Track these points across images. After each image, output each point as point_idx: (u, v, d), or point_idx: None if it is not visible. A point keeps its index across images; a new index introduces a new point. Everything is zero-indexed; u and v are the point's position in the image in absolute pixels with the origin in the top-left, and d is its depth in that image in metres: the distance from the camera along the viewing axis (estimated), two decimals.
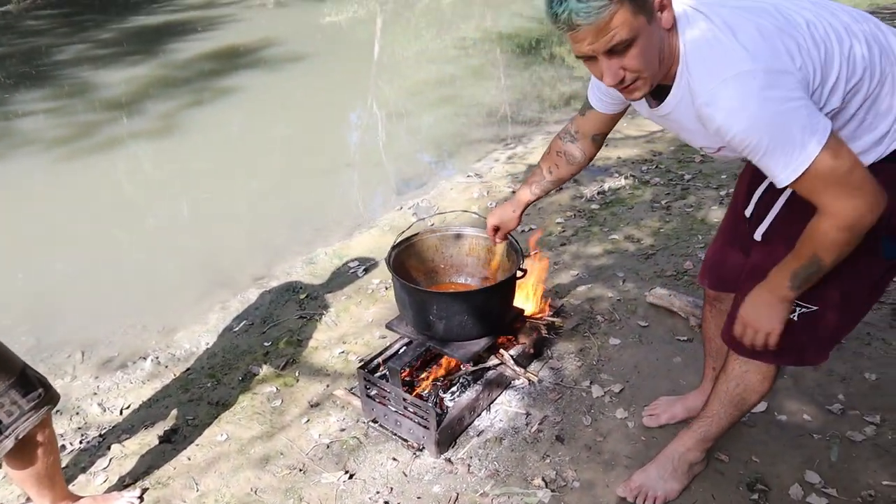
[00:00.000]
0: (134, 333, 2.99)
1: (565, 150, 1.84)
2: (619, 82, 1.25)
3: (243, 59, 8.19)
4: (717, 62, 1.20)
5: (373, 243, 3.49)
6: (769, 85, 1.16)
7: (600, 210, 3.64)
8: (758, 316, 1.44)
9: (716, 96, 1.19)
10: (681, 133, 1.43)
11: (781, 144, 1.17)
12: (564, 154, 1.84)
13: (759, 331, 1.45)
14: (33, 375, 1.64)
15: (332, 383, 2.41)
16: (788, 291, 1.37)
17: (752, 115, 1.17)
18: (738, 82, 1.17)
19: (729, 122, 1.19)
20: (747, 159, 1.30)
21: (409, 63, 8.45)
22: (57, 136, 5.62)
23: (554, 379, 2.33)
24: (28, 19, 11.03)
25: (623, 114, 1.71)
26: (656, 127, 4.96)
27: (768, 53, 1.18)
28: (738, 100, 1.17)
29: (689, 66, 1.25)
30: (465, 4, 13.01)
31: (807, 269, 1.32)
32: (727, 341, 1.62)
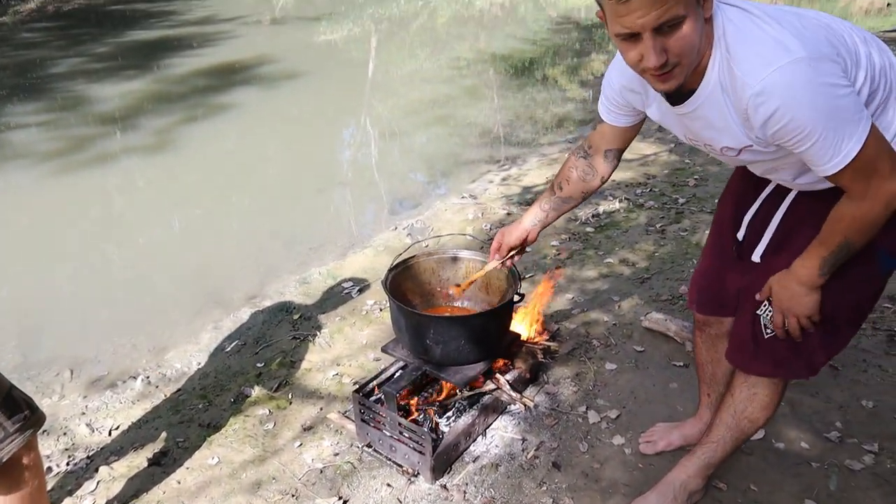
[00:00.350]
0: (124, 352, 2.95)
1: (577, 166, 1.78)
2: (661, 65, 1.18)
3: (238, 75, 8.20)
4: (769, 50, 1.17)
5: (367, 263, 3.47)
6: (822, 73, 1.15)
7: (595, 233, 3.64)
8: (798, 304, 1.43)
9: (771, 84, 1.16)
10: (702, 132, 1.38)
11: (833, 132, 1.18)
12: (576, 169, 1.79)
13: (800, 316, 1.44)
14: (19, 396, 1.60)
15: (325, 406, 2.38)
16: (819, 279, 1.38)
17: (810, 102, 1.16)
18: (794, 69, 1.15)
19: (784, 109, 1.17)
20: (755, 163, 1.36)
21: (404, 82, 8.49)
22: (49, 150, 5.59)
23: (550, 404, 2.31)
24: (24, 31, 11.02)
25: (637, 129, 1.67)
26: (650, 150, 4.99)
27: (815, 42, 1.18)
28: (795, 87, 1.15)
29: (734, 56, 1.21)
30: (460, 25, 13.12)
31: (836, 255, 1.34)
32: (733, 360, 1.63)
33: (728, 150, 1.37)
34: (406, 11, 14.41)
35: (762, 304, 1.51)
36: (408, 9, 14.80)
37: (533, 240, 1.90)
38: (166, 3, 13.99)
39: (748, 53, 1.19)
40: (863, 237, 1.32)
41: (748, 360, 1.58)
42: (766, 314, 1.51)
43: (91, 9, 13.33)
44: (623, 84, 1.51)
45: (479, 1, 16.48)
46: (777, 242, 1.53)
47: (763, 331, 1.53)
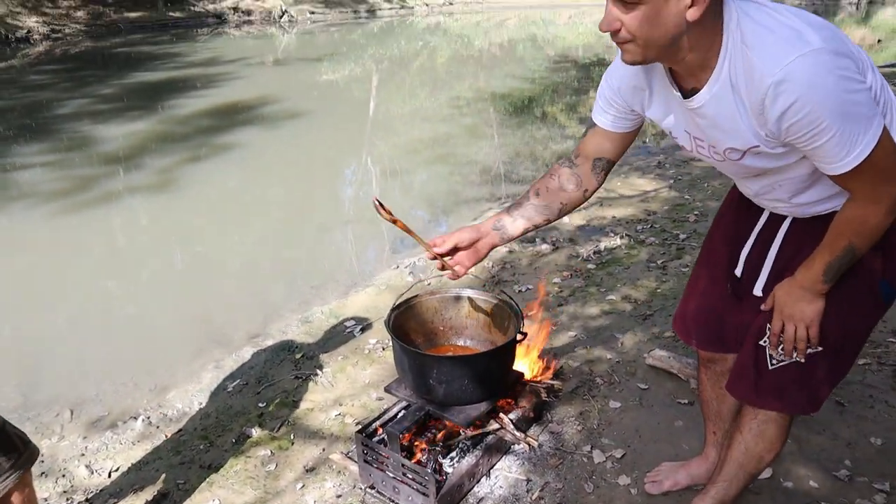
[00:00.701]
0: (125, 392, 2.93)
1: (559, 174, 1.62)
2: (612, 32, 1.21)
3: (241, 115, 8.31)
4: (789, 39, 1.15)
5: (369, 302, 3.48)
6: (841, 66, 1.14)
7: (597, 270, 3.65)
8: (800, 311, 1.41)
9: (792, 72, 1.13)
10: (708, 130, 1.33)
11: (849, 128, 1.16)
12: (558, 177, 1.62)
13: (799, 324, 1.42)
14: (13, 432, 1.58)
15: (328, 447, 2.36)
16: (823, 285, 1.38)
17: (828, 94, 1.14)
18: (815, 59, 1.13)
19: (804, 101, 1.14)
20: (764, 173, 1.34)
21: (404, 121, 8.60)
22: (54, 189, 5.64)
23: (554, 444, 2.29)
24: (32, 74, 11.21)
25: (631, 139, 1.57)
26: (651, 186, 5.03)
27: (832, 37, 1.17)
28: (815, 77, 1.13)
29: (752, 45, 1.18)
30: (459, 64, 13.34)
31: (841, 259, 1.33)
32: (734, 391, 1.61)
33: (732, 153, 1.34)
34: (406, 52, 14.67)
35: (765, 335, 1.50)
36: (408, 49, 15.07)
37: (483, 252, 1.64)
38: (171, 46, 14.25)
39: (767, 42, 1.17)
40: (867, 241, 1.31)
41: (749, 391, 1.56)
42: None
43: (98, 51, 13.57)
44: (624, 81, 1.45)
45: (477, 41, 16.80)
46: (777, 273, 1.52)
47: (768, 361, 1.51)
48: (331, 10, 19.30)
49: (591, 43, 16.61)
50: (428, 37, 17.32)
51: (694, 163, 5.69)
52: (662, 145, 6.59)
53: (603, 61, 13.30)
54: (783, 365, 1.48)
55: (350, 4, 20.01)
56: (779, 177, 1.37)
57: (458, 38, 17.40)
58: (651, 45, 1.20)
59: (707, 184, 5.04)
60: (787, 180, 1.38)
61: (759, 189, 1.47)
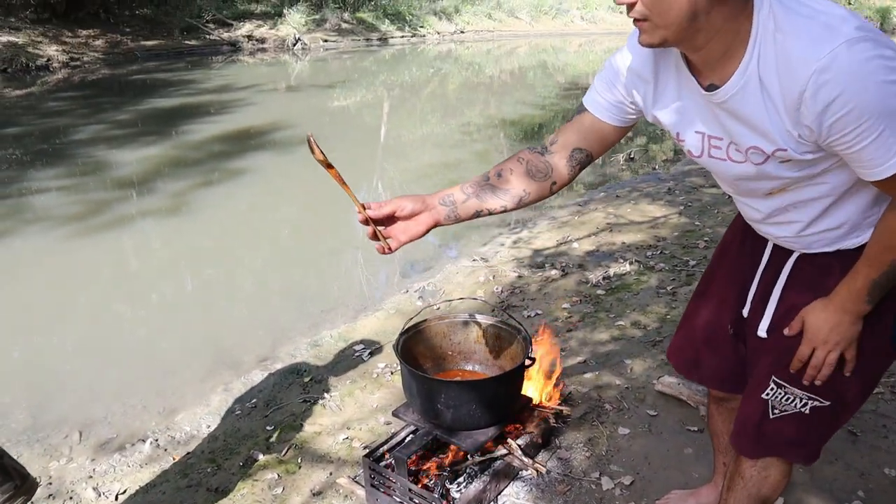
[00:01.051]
0: (134, 414, 2.94)
1: (528, 159, 1.44)
2: (628, 7, 1.11)
3: (253, 140, 8.41)
4: (832, 25, 1.04)
5: (378, 326, 3.48)
6: (888, 56, 1.03)
7: (606, 296, 3.64)
8: (839, 334, 1.27)
9: (838, 58, 1.01)
10: (732, 126, 1.20)
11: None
12: (525, 163, 1.44)
13: (835, 348, 1.29)
14: (10, 465, 1.55)
15: (335, 471, 2.35)
16: (866, 306, 1.24)
17: (879, 84, 1.02)
18: (862, 46, 1.02)
19: (850, 95, 1.02)
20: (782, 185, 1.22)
21: (415, 146, 8.67)
22: (68, 213, 5.70)
23: (562, 470, 2.27)
24: (50, 100, 11.40)
25: (618, 138, 1.43)
26: (660, 213, 5.03)
27: (871, 26, 1.07)
28: (864, 64, 1.01)
29: (789, 31, 1.06)
30: (470, 91, 13.46)
31: (888, 276, 1.20)
32: (737, 446, 1.53)
33: (755, 153, 1.19)
34: (417, 78, 14.84)
35: (768, 387, 1.40)
36: (419, 76, 15.24)
37: (422, 228, 1.41)
38: (186, 73, 14.49)
39: (807, 28, 1.05)
40: None
41: (750, 445, 1.48)
42: (775, 396, 1.40)
43: (114, 78, 13.81)
44: (633, 66, 1.31)
45: (488, 68, 16.97)
46: (783, 314, 1.40)
47: (769, 412, 1.42)
48: (343, 38, 19.58)
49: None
50: (439, 64, 17.52)
51: (704, 189, 5.70)
52: (672, 171, 6.61)
53: None
54: (786, 415, 1.40)
55: (362, 32, 20.30)
56: (797, 195, 1.25)
57: (468, 65, 17.59)
58: (668, 24, 1.08)
59: (717, 210, 5.04)
60: (804, 202, 1.26)
61: (772, 211, 1.33)
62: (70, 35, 16.04)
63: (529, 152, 1.45)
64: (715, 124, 1.23)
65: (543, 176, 1.44)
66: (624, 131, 1.42)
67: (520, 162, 1.44)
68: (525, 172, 1.43)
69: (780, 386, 1.38)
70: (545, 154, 1.44)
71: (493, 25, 23.99)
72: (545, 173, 1.43)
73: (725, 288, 1.59)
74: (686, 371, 1.78)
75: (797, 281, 1.39)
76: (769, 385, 1.40)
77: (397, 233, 1.40)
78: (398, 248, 1.41)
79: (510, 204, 1.44)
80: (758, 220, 1.39)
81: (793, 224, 1.31)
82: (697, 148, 1.30)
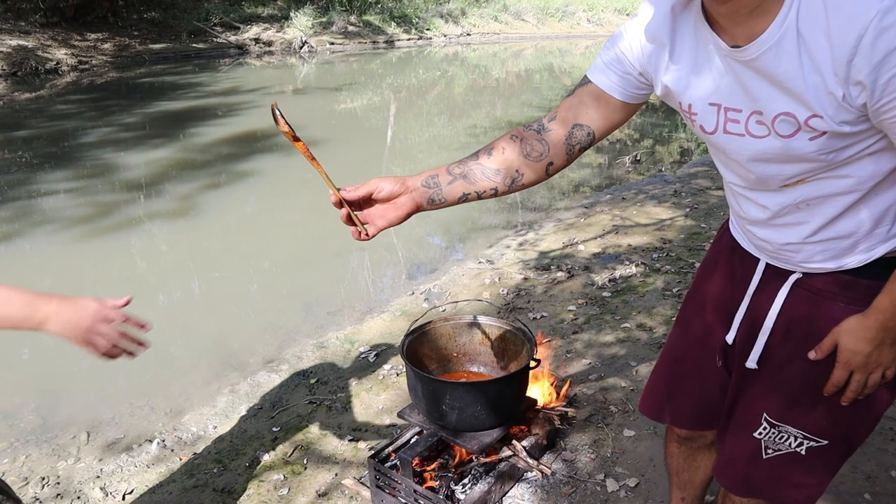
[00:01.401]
0: (141, 415, 2.96)
1: (522, 136, 1.29)
2: None
3: (260, 143, 8.44)
4: None
5: (384, 328, 3.49)
6: None
7: (612, 298, 3.64)
8: (878, 356, 1.13)
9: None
10: (758, 90, 1.04)
11: None
12: (521, 140, 1.29)
13: (877, 370, 1.15)
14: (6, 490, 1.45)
15: (340, 472, 2.36)
16: None
17: None
18: None
19: None
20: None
21: (421, 149, 8.68)
22: (76, 215, 5.74)
23: (567, 471, 2.27)
24: (59, 103, 11.49)
25: (627, 116, 1.28)
26: (666, 215, 5.03)
27: None
28: None
29: None
30: (476, 93, 13.48)
31: None
32: (724, 482, 1.38)
33: (784, 123, 1.03)
34: (424, 81, 14.86)
35: (761, 426, 1.28)
36: (426, 78, 15.27)
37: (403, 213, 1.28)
38: (193, 76, 14.56)
39: None
40: None
41: (739, 483, 1.35)
42: (768, 436, 1.27)
43: (122, 81, 13.89)
44: (649, 28, 1.17)
45: (495, 70, 16.98)
46: (775, 344, 1.26)
47: (762, 452, 1.29)
48: (350, 41, 19.64)
49: None
50: (445, 66, 17.55)
51: (710, 191, 5.69)
52: (678, 174, 6.60)
53: None
54: (781, 455, 1.27)
55: (369, 35, 20.36)
56: (814, 188, 1.10)
57: (475, 67, 17.61)
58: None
59: (723, 212, 5.03)
60: (819, 199, 1.12)
61: (781, 209, 1.16)
62: (79, 38, 16.15)
63: (525, 129, 1.30)
64: (735, 92, 1.08)
65: (539, 155, 1.28)
66: (631, 109, 1.27)
67: (513, 140, 1.29)
68: (520, 151, 1.28)
69: (774, 425, 1.26)
70: (542, 131, 1.28)
71: (499, 28, 24.02)
72: (541, 153, 1.28)
73: (710, 313, 1.42)
74: (655, 412, 1.59)
75: (793, 308, 1.24)
76: (761, 424, 1.27)
77: (374, 217, 1.28)
78: (375, 234, 1.28)
79: (501, 186, 1.29)
80: (761, 220, 1.21)
81: (801, 226, 1.16)
82: (711, 123, 1.14)
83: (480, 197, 1.30)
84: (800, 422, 1.24)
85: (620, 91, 1.24)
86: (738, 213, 1.30)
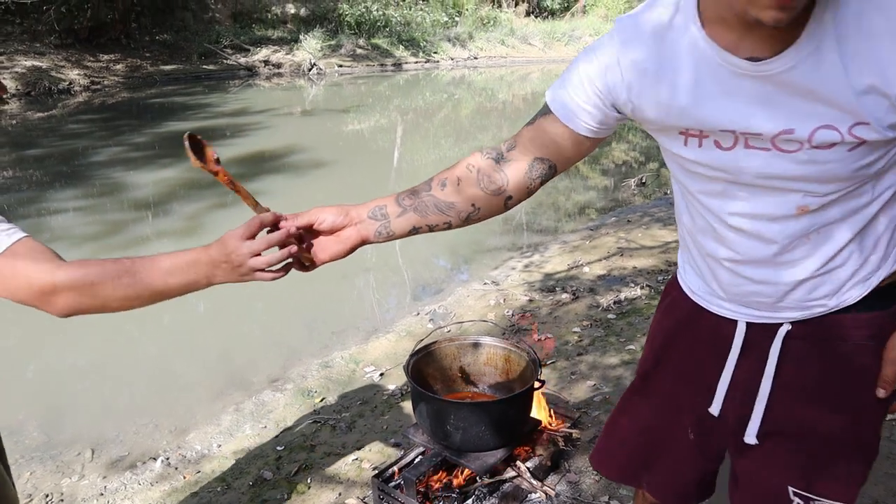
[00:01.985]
0: (146, 433, 2.96)
1: (478, 166, 1.18)
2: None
3: (268, 163, 8.52)
4: None
5: (389, 348, 3.49)
6: None
7: (616, 320, 3.64)
8: None
9: None
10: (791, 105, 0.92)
11: None
12: (476, 170, 1.18)
13: None
14: None
15: (344, 491, 2.36)
16: None
17: None
18: None
19: None
20: None
21: (428, 170, 8.69)
22: (85, 233, 5.80)
23: (572, 493, 2.26)
24: (70, 123, 11.63)
25: (589, 150, 1.16)
26: (672, 237, 5.04)
27: None
28: None
29: None
30: (482, 116, 13.58)
31: None
32: None
33: (822, 134, 0.91)
34: (431, 103, 14.99)
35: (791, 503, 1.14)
36: (433, 101, 15.40)
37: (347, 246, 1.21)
38: (203, 97, 14.73)
39: None
40: None
41: None
42: None
43: (133, 102, 14.06)
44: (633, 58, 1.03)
45: (501, 93, 17.12)
46: (782, 411, 1.12)
47: None
48: (358, 64, 19.85)
49: None
50: (452, 89, 17.70)
51: None
52: None
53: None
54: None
55: (377, 58, 20.57)
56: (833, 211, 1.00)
57: (482, 90, 17.76)
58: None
59: None
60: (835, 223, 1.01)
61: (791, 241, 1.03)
62: (92, 59, 16.39)
63: (482, 157, 1.19)
64: (755, 114, 0.95)
65: (497, 189, 1.17)
66: (595, 143, 1.14)
67: (469, 170, 1.18)
68: (475, 183, 1.17)
69: (809, 500, 1.12)
70: (500, 161, 1.17)
71: (506, 52, 24.23)
72: (500, 186, 1.17)
73: (675, 385, 1.27)
74: (627, 476, 1.45)
75: (791, 365, 1.11)
76: (790, 500, 1.14)
77: (317, 250, 1.21)
78: (318, 266, 1.22)
79: (455, 220, 1.20)
80: (764, 258, 1.06)
81: (810, 259, 1.04)
82: (729, 138, 0.99)
83: (432, 230, 1.22)
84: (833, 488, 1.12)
85: (586, 126, 1.10)
86: (719, 257, 1.11)
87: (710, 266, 1.14)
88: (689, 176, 1.09)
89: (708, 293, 1.18)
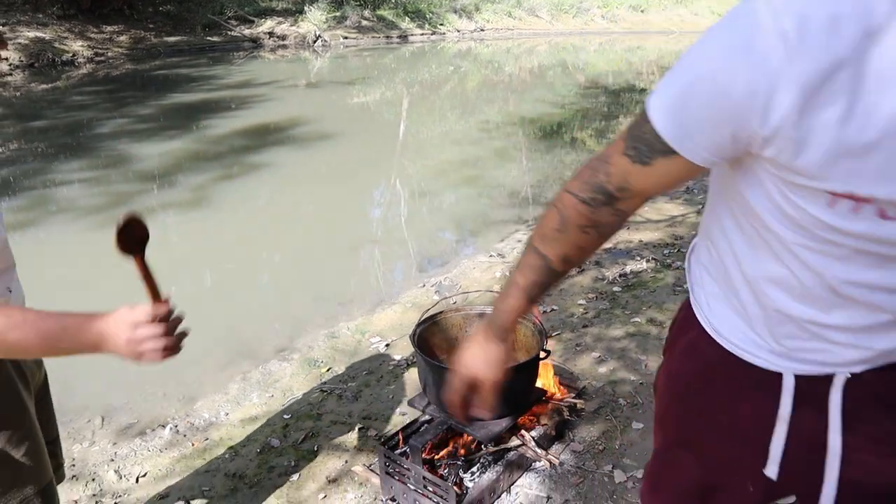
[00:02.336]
0: (154, 401, 2.99)
1: (597, 222, 0.99)
2: None
3: (273, 136, 8.49)
4: None
5: (395, 319, 3.51)
6: None
7: (622, 292, 3.65)
8: None
9: None
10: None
11: None
12: (595, 228, 0.99)
13: None
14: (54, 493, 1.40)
15: (350, 459, 2.39)
16: None
17: None
18: None
19: None
20: None
21: (433, 143, 8.69)
22: (90, 205, 5.80)
23: (575, 462, 2.29)
24: (74, 94, 11.59)
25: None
26: (678, 211, 5.02)
27: None
28: None
29: None
30: (489, 89, 13.47)
31: None
32: None
33: None
34: (437, 76, 14.87)
35: None
36: (439, 73, 15.27)
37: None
38: (208, 69, 14.64)
39: None
40: None
41: None
42: None
43: (137, 73, 13.99)
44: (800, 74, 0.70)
45: (508, 66, 16.96)
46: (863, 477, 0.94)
47: None
48: (363, 36, 19.67)
49: (622, 70, 16.67)
50: (458, 61, 17.54)
51: None
52: None
53: (633, 87, 13.34)
54: None
55: (382, 30, 20.37)
56: None
57: (488, 63, 17.59)
58: None
59: None
60: None
61: None
62: (95, 31, 16.27)
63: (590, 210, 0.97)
64: None
65: (610, 232, 1.04)
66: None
67: (587, 232, 1.00)
68: (598, 236, 1.02)
69: None
70: (612, 203, 0.97)
71: (512, 24, 23.96)
72: (616, 227, 1.03)
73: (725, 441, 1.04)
74: None
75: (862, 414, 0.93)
76: None
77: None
78: None
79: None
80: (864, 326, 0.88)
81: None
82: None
83: None
84: None
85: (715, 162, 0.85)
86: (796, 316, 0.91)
87: (770, 318, 0.94)
88: (797, 231, 0.84)
89: (751, 343, 0.98)
